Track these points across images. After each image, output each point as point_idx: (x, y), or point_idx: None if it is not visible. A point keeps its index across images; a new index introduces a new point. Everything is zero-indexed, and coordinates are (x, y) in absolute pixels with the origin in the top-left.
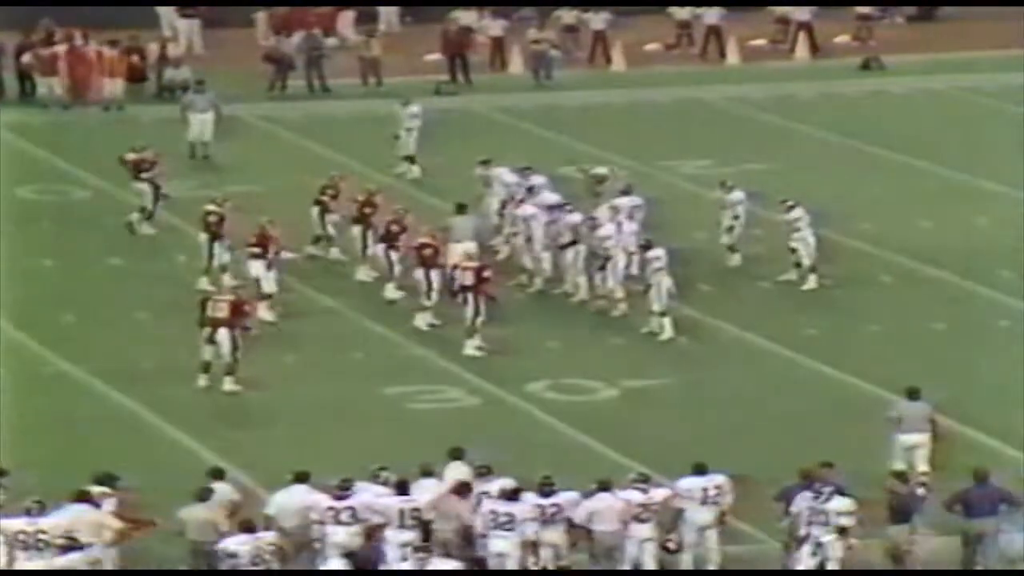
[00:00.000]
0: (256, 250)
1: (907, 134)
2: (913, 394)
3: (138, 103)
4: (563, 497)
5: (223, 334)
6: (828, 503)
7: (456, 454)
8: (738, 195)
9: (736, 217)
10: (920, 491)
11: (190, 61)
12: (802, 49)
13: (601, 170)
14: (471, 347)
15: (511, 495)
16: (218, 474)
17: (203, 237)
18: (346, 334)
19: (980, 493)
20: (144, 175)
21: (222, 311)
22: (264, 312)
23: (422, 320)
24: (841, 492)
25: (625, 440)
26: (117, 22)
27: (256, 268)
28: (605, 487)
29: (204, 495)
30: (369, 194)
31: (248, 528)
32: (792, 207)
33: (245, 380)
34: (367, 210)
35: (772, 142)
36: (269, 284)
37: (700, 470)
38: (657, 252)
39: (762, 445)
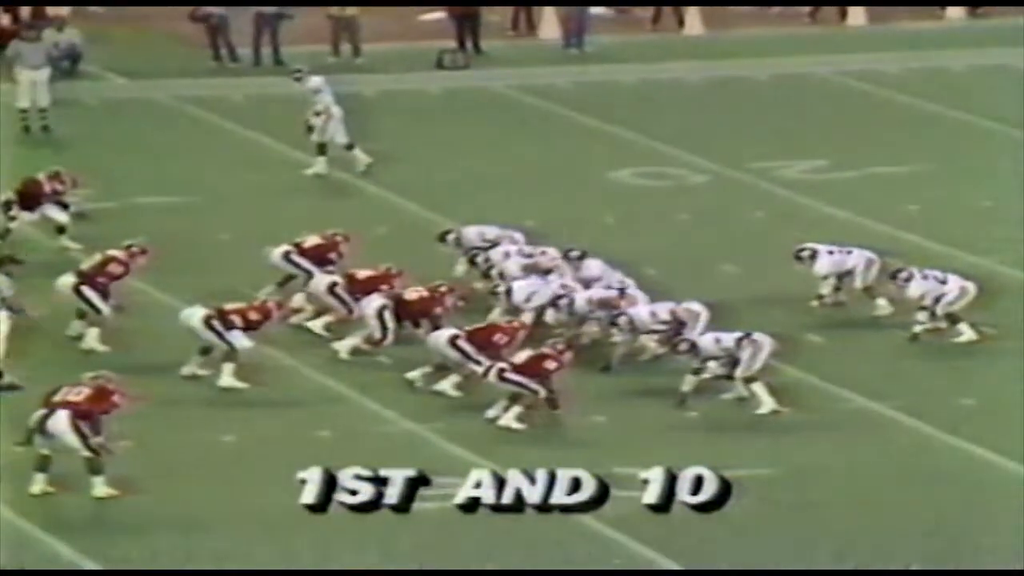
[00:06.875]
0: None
1: None
2: None
3: (6, 80)
4: None
5: (63, 421)
6: None
7: None
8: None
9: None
10: None
11: (79, 20)
12: (956, 4)
13: None
14: (511, 417)
15: None
16: None
17: (69, 281)
18: (310, 402)
19: None
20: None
21: (79, 395)
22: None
23: (448, 384)
24: None
25: (704, 555)
26: None
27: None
28: None
29: None
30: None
31: None
32: None
33: (163, 468)
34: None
35: (913, 135)
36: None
37: None
38: None
39: (897, 557)
